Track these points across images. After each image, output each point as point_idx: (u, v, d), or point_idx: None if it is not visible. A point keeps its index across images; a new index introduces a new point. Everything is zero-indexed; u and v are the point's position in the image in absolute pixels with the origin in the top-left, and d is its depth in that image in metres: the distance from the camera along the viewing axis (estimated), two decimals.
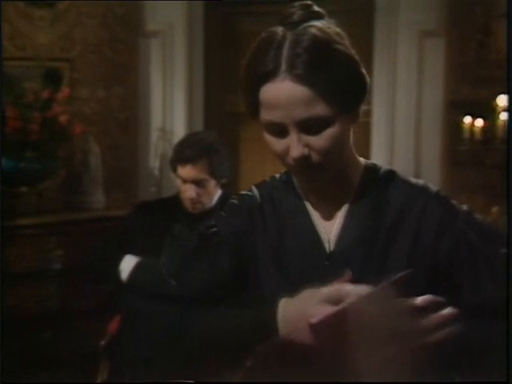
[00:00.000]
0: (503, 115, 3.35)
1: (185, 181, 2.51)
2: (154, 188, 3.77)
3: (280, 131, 1.09)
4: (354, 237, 1.16)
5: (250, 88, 1.10)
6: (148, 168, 3.85)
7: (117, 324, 2.56)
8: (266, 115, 1.09)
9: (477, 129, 3.52)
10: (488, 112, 3.46)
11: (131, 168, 3.82)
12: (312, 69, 1.04)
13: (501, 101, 3.35)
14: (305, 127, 1.07)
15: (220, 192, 2.58)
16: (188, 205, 2.55)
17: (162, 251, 2.50)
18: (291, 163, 1.10)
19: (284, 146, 1.09)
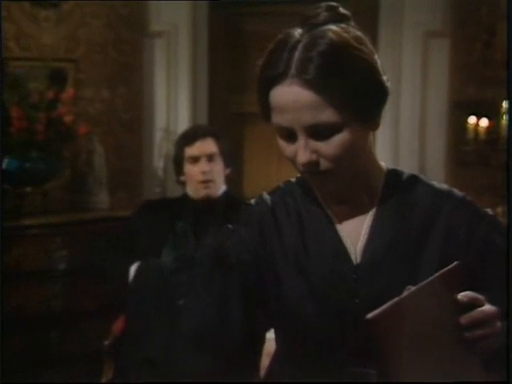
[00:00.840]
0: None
1: (195, 159, 2.51)
2: (159, 188, 3.77)
3: (289, 135, 1.07)
4: (382, 246, 1.13)
5: (262, 90, 1.08)
6: (152, 168, 3.85)
7: (121, 324, 2.56)
8: (276, 119, 1.07)
9: (482, 129, 3.51)
10: (493, 112, 3.46)
11: (135, 168, 3.82)
12: (323, 74, 1.02)
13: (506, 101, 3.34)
14: (313, 133, 1.04)
15: (224, 187, 2.59)
16: (200, 187, 2.53)
17: (164, 251, 2.51)
18: (300, 168, 1.08)
19: (293, 151, 1.07)
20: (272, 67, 1.05)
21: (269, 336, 2.31)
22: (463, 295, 1.01)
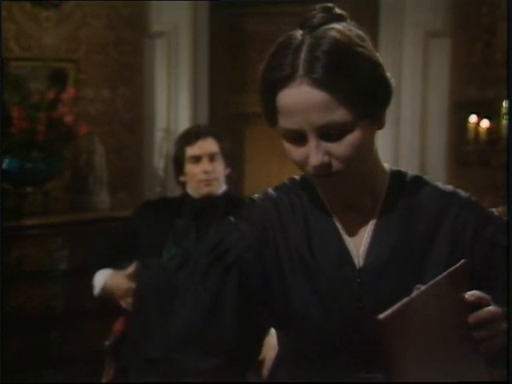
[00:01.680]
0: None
1: (197, 159, 2.51)
2: (159, 188, 3.77)
3: (299, 138, 1.05)
4: (386, 250, 1.12)
5: (268, 94, 1.06)
6: (153, 168, 3.85)
7: (122, 324, 2.56)
8: (284, 122, 1.05)
9: (482, 129, 3.51)
10: (494, 112, 3.46)
11: (136, 168, 3.82)
12: (331, 73, 1.00)
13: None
14: (324, 134, 1.03)
15: (225, 187, 2.59)
16: (201, 186, 2.52)
17: (165, 249, 2.51)
18: (311, 171, 1.06)
19: (303, 154, 1.05)
20: (277, 70, 1.03)
21: (272, 330, 2.30)
22: (470, 294, 1.01)
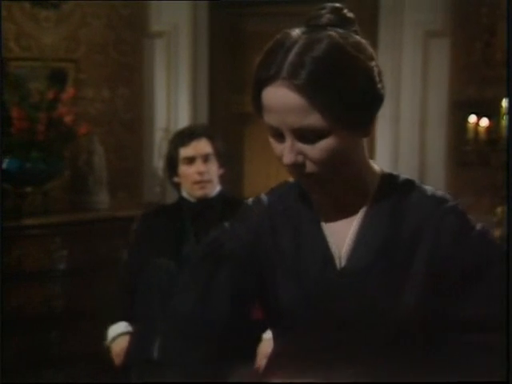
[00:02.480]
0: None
1: (190, 160, 2.51)
2: (159, 188, 3.77)
3: (279, 135, 1.07)
4: (369, 251, 1.12)
5: (255, 89, 1.08)
6: (152, 168, 3.85)
7: None
8: (267, 118, 1.08)
9: (482, 129, 3.51)
10: (493, 112, 3.46)
11: (136, 168, 3.82)
12: (313, 79, 1.01)
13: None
14: (299, 135, 1.05)
15: (219, 187, 2.58)
16: (196, 188, 2.52)
17: (166, 255, 2.50)
18: (286, 169, 1.08)
19: (281, 151, 1.08)
20: (265, 68, 1.05)
21: (266, 336, 2.29)
22: None
